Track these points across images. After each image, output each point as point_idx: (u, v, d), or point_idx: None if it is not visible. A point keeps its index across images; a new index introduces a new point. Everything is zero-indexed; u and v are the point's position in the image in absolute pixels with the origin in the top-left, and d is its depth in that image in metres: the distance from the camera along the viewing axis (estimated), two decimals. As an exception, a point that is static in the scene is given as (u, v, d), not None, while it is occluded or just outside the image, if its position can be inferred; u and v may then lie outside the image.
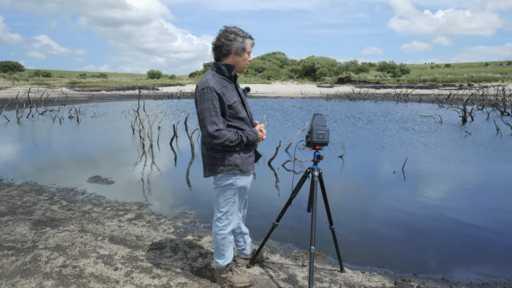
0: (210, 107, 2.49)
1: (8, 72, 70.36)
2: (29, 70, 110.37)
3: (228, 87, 2.60)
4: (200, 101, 2.52)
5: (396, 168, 7.15)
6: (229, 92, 2.59)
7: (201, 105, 2.51)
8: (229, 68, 2.61)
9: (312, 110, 21.99)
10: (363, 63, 79.76)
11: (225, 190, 2.70)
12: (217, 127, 2.48)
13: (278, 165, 7.49)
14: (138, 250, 3.49)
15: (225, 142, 2.50)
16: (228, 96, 2.57)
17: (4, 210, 4.60)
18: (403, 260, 3.51)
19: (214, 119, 2.48)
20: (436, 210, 4.87)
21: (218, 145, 2.53)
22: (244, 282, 2.86)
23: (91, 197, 5.28)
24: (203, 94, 2.51)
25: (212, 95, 2.49)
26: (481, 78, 56.00)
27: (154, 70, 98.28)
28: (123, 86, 54.46)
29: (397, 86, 53.23)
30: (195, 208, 4.85)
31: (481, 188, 6.02)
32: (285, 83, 70.51)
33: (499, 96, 26.97)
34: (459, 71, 76.56)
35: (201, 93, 2.52)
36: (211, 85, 2.50)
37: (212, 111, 2.49)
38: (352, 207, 5.05)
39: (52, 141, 10.53)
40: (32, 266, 3.14)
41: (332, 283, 3.00)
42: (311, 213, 2.73)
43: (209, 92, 2.49)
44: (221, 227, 2.76)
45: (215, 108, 2.49)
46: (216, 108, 2.49)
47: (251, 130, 2.66)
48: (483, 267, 3.39)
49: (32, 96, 30.25)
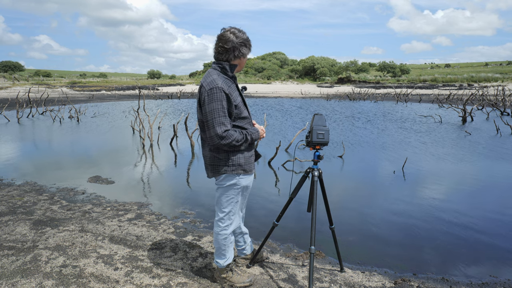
0: (219, 107, 2.47)
1: (8, 72, 70.38)
2: (29, 70, 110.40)
3: (232, 87, 2.60)
4: (208, 101, 2.49)
5: (396, 168, 7.15)
6: (234, 92, 2.60)
7: (210, 105, 2.49)
8: (233, 68, 2.63)
9: (312, 110, 22.00)
10: (363, 63, 79.79)
11: (228, 190, 2.70)
12: (226, 128, 2.48)
13: (278, 165, 7.49)
14: (138, 250, 3.49)
15: (232, 142, 2.51)
16: (234, 96, 2.57)
17: (4, 210, 4.60)
18: (403, 260, 3.51)
19: (222, 119, 2.48)
20: (436, 210, 4.87)
21: (225, 146, 2.53)
22: (244, 282, 2.86)
23: (91, 197, 5.28)
24: (212, 94, 2.48)
25: (221, 95, 2.48)
26: (481, 78, 56.01)
27: (154, 70, 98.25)
28: (123, 86, 54.47)
29: (397, 86, 53.24)
30: (195, 208, 4.86)
31: (481, 188, 6.02)
32: (285, 83, 70.51)
33: (499, 96, 26.97)
34: (459, 71, 76.58)
35: (209, 93, 2.49)
36: (219, 85, 2.49)
37: (220, 112, 2.48)
38: (352, 207, 5.05)
39: (52, 141, 10.53)
40: (32, 266, 3.14)
41: (332, 283, 3.00)
42: (311, 213, 2.74)
43: (218, 92, 2.47)
44: (223, 227, 2.77)
45: (223, 109, 2.49)
46: (224, 109, 2.49)
47: (253, 129, 2.69)
48: (483, 267, 3.39)
49: (32, 96, 30.26)
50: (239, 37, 2.58)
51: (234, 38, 2.56)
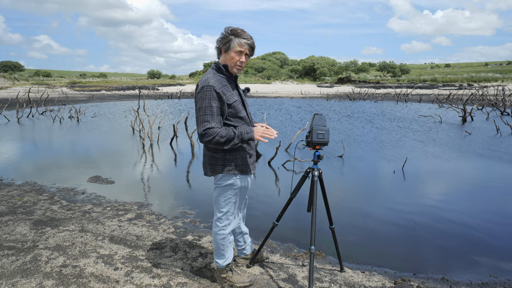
0: (206, 105, 2.48)
1: (8, 72, 70.38)
2: (30, 70, 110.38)
3: (228, 86, 2.59)
4: (198, 99, 2.52)
5: (396, 168, 7.15)
6: (229, 91, 2.59)
7: (198, 103, 2.52)
8: (225, 66, 2.62)
9: (312, 110, 21.99)
10: (363, 63, 79.77)
11: (226, 190, 2.70)
12: (209, 126, 2.46)
13: (278, 165, 7.49)
14: (138, 250, 3.49)
15: (215, 138, 2.46)
16: (228, 95, 2.56)
17: (4, 210, 4.60)
18: (403, 260, 3.51)
19: (207, 117, 2.47)
20: (436, 210, 4.87)
21: (209, 143, 2.50)
22: (244, 282, 2.86)
23: (91, 197, 5.28)
24: (202, 92, 2.50)
25: (210, 94, 2.48)
26: (481, 78, 56.02)
27: (154, 70, 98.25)
28: (123, 86, 54.46)
29: (397, 86, 53.24)
30: (195, 208, 4.86)
31: (481, 188, 6.02)
32: (285, 83, 70.50)
33: (499, 96, 26.98)
34: (459, 71, 76.58)
35: (200, 91, 2.52)
36: (211, 83, 2.49)
37: (207, 110, 2.48)
38: (352, 207, 5.05)
39: (52, 141, 10.53)
40: (32, 266, 3.14)
41: (332, 283, 3.00)
42: (311, 213, 2.74)
43: (208, 90, 2.48)
44: (221, 227, 2.76)
45: (211, 107, 2.48)
46: (212, 107, 2.48)
47: (245, 127, 2.57)
48: (483, 267, 3.39)
49: (32, 96, 30.25)
50: (221, 34, 2.58)
51: (220, 35, 2.58)
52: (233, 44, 2.53)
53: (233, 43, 2.53)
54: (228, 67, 2.61)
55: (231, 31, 2.55)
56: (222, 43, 2.57)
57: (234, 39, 2.53)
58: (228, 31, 2.55)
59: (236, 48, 2.53)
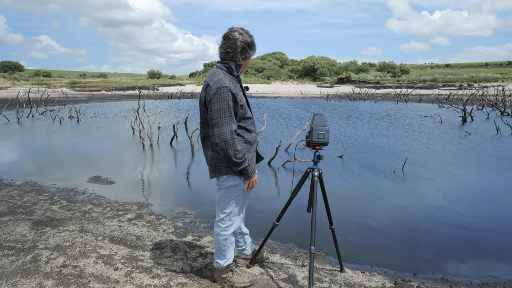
0: (226, 107, 2.45)
1: (9, 72, 70.36)
2: (30, 70, 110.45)
3: (237, 87, 2.59)
4: (215, 101, 2.46)
5: (396, 168, 7.15)
6: (239, 92, 2.59)
7: (217, 105, 2.46)
8: (238, 68, 2.62)
9: (312, 110, 21.99)
10: (363, 63, 79.82)
11: (230, 191, 2.69)
12: (232, 128, 2.47)
13: (278, 165, 7.49)
14: (138, 250, 3.49)
15: (229, 150, 2.47)
16: (239, 96, 2.56)
17: (4, 210, 4.60)
18: (403, 260, 3.51)
19: (228, 119, 2.46)
20: (436, 210, 4.87)
21: (222, 150, 2.48)
22: (244, 282, 2.86)
23: (91, 197, 5.28)
24: (219, 93, 2.45)
25: (228, 95, 2.45)
26: (481, 78, 56.02)
27: (154, 70, 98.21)
28: (123, 86, 54.46)
29: (397, 86, 53.23)
30: (195, 208, 4.86)
31: (481, 188, 6.02)
32: (285, 83, 70.50)
33: (499, 96, 26.97)
34: (459, 71, 76.58)
35: (216, 92, 2.46)
36: (227, 84, 2.47)
37: (227, 112, 2.46)
38: (352, 207, 5.05)
39: (52, 141, 10.53)
40: (32, 266, 3.14)
41: (332, 283, 3.00)
42: (311, 213, 2.74)
43: (225, 91, 2.45)
44: (223, 228, 2.76)
45: (230, 109, 2.47)
46: (230, 109, 2.47)
47: (254, 166, 2.72)
48: (483, 267, 3.39)
49: (32, 96, 30.24)
50: (247, 39, 2.58)
51: (241, 38, 2.56)
52: (252, 53, 2.66)
53: (252, 52, 2.66)
54: (241, 69, 2.66)
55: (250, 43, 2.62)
56: (249, 50, 2.62)
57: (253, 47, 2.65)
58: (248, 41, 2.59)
59: (252, 55, 2.67)
